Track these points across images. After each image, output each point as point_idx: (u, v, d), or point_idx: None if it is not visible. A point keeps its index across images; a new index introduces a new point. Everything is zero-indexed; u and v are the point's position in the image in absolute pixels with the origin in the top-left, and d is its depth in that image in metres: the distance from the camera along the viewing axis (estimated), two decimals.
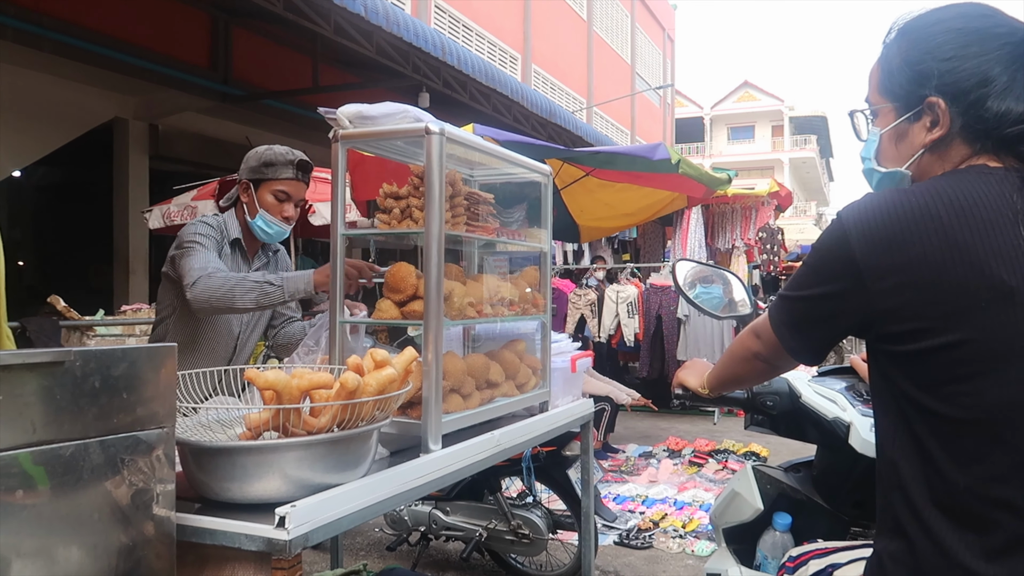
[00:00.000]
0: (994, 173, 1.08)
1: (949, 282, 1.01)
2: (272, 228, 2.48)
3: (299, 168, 2.50)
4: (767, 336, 1.27)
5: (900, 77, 1.17)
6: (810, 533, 1.75)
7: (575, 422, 2.56)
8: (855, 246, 1.07)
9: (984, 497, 1.02)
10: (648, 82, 23.70)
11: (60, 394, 1.11)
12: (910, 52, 1.16)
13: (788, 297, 1.21)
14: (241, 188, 2.51)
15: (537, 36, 16.77)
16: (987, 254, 1.01)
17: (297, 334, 2.68)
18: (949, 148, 1.15)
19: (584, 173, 6.72)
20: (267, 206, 2.47)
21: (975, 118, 1.10)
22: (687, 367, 1.75)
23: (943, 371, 1.04)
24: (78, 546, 1.14)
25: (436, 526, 3.60)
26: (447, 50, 7.34)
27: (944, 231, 1.03)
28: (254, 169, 2.48)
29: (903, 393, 1.08)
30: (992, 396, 1.02)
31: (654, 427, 7.54)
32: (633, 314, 8.23)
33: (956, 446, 1.04)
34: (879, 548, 1.14)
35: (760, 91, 44.52)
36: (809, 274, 1.16)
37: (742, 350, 1.40)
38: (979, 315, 1.01)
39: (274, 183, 2.47)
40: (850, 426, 1.68)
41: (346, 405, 1.42)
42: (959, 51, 1.11)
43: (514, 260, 2.56)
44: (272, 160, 2.47)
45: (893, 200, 1.08)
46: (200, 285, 2.19)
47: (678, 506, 4.87)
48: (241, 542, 1.31)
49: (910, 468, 1.08)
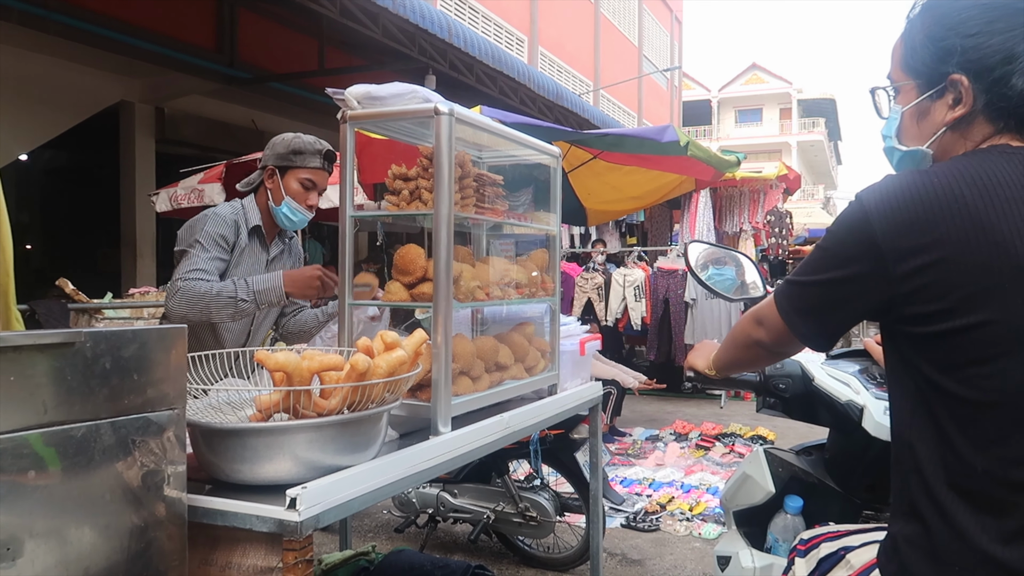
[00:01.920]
0: (1017, 152, 1.06)
1: (972, 262, 1.00)
2: (297, 216, 2.49)
3: (326, 158, 2.51)
4: (773, 323, 1.25)
5: (923, 53, 1.15)
6: (822, 516, 1.75)
7: (583, 405, 2.55)
8: (876, 228, 1.06)
9: (1002, 480, 1.01)
10: (655, 64, 23.52)
11: (71, 375, 1.11)
12: (934, 28, 1.14)
13: (800, 283, 1.19)
14: (266, 174, 2.49)
15: (544, 18, 16.64)
16: (1012, 234, 1.00)
17: (309, 322, 2.69)
18: (971, 126, 1.13)
19: (592, 156, 6.68)
20: (293, 193, 2.46)
21: (999, 96, 1.09)
22: (696, 349, 1.75)
23: (964, 353, 1.03)
24: (90, 527, 1.14)
25: (444, 508, 3.61)
26: (454, 32, 7.28)
27: (968, 211, 1.01)
28: (281, 156, 2.47)
29: (922, 375, 1.07)
30: (1014, 378, 1.01)
31: (661, 410, 7.54)
32: (640, 297, 8.21)
33: (975, 429, 1.03)
34: (894, 531, 1.14)
35: (768, 73, 44.14)
36: (825, 258, 1.14)
37: (743, 337, 1.38)
38: (1002, 295, 1.00)
39: (301, 171, 2.46)
40: (864, 409, 1.67)
41: (356, 387, 1.42)
42: (984, 27, 1.09)
43: (522, 243, 2.54)
44: (301, 148, 2.47)
45: (915, 181, 1.06)
46: (179, 295, 2.22)
47: (685, 489, 4.88)
48: (252, 523, 1.31)
49: (927, 450, 1.07)
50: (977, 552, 1.02)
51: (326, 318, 2.66)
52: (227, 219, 2.39)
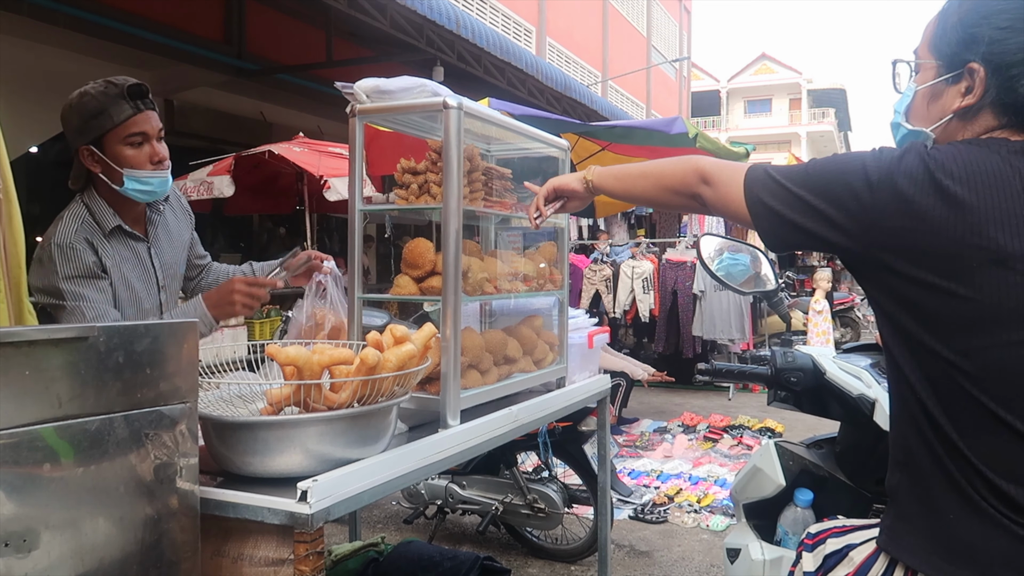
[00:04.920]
0: (1011, 145, 1.10)
1: (948, 238, 1.03)
2: (150, 183, 1.97)
3: (133, 96, 1.92)
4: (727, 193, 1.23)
5: (952, 36, 1.16)
6: (832, 510, 1.75)
7: (592, 398, 2.56)
8: (872, 183, 1.08)
9: (975, 455, 1.07)
10: (664, 55, 23.40)
11: (84, 369, 1.12)
12: (969, 13, 1.14)
13: (786, 187, 1.16)
14: (84, 159, 1.95)
15: (552, 8, 16.57)
16: (987, 219, 1.02)
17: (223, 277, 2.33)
18: (976, 118, 1.15)
19: (600, 148, 6.67)
20: (128, 161, 1.93)
21: (1007, 92, 1.11)
22: (561, 177, 1.65)
23: (934, 326, 1.07)
24: (104, 518, 1.15)
25: (453, 500, 3.63)
26: (461, 23, 7.27)
27: (948, 192, 1.04)
28: (81, 129, 1.92)
29: (901, 347, 1.12)
30: (978, 358, 1.05)
31: (668, 402, 7.54)
32: (648, 289, 8.20)
33: (946, 402, 1.08)
34: (891, 484, 1.19)
35: (778, 63, 43.88)
36: (820, 185, 1.13)
37: (678, 183, 1.34)
38: (972, 276, 1.03)
39: (117, 131, 1.91)
40: (875, 403, 1.67)
41: (366, 381, 1.42)
42: (1016, 22, 1.09)
43: (530, 235, 2.54)
44: (96, 107, 1.90)
45: (912, 154, 1.09)
46: None
47: (693, 481, 4.88)
48: (264, 515, 1.32)
49: (915, 408, 1.12)
50: (963, 503, 1.07)
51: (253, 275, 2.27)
52: (75, 245, 1.90)
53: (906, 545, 1.14)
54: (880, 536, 1.21)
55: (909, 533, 1.13)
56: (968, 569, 1.06)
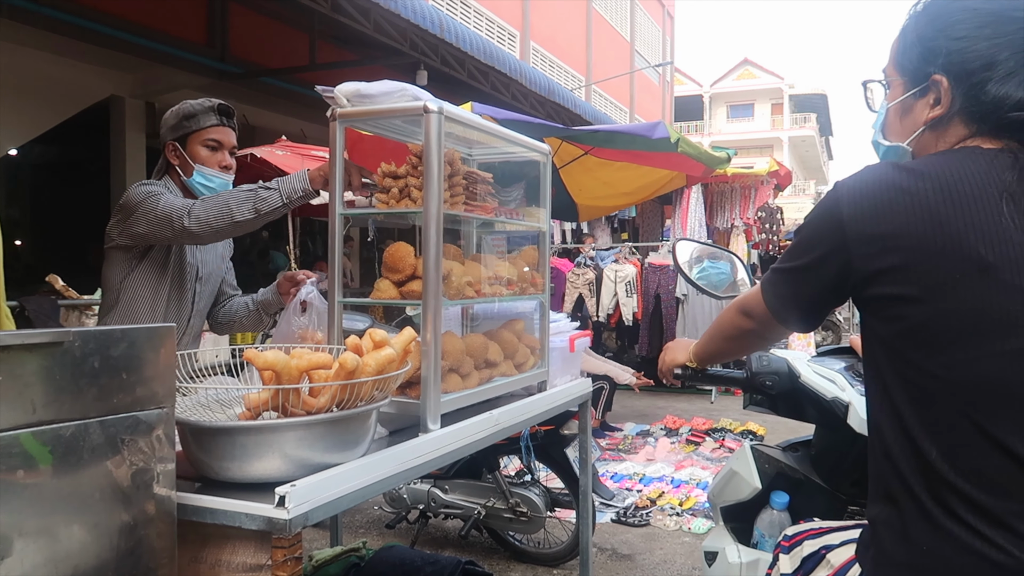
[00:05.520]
0: (986, 153, 1.10)
1: (927, 252, 1.04)
2: (213, 181, 2.34)
3: (221, 113, 2.36)
4: (759, 311, 1.31)
5: (912, 52, 1.19)
6: (808, 512, 1.76)
7: (573, 401, 2.56)
8: (844, 212, 1.11)
9: (952, 466, 1.05)
10: (647, 60, 23.52)
11: (60, 374, 1.11)
12: (926, 28, 1.17)
13: (780, 269, 1.25)
14: (168, 152, 2.35)
15: (536, 13, 16.62)
16: (966, 229, 1.03)
17: (239, 312, 2.58)
18: (948, 128, 1.16)
19: (583, 152, 6.69)
20: (201, 160, 2.32)
21: (974, 100, 1.12)
22: (670, 349, 1.80)
23: (919, 340, 1.07)
24: (80, 525, 1.14)
25: (435, 504, 3.63)
26: (445, 27, 7.27)
27: (925, 204, 1.05)
28: (175, 127, 2.34)
29: (885, 359, 1.12)
30: (960, 370, 1.04)
31: (651, 406, 7.57)
32: (632, 293, 8.24)
33: (927, 415, 1.07)
34: (871, 516, 1.18)
35: (760, 69, 44.22)
36: (802, 243, 1.20)
37: (731, 329, 1.44)
38: (954, 288, 1.03)
39: (200, 133, 2.32)
40: (849, 406, 1.68)
41: (345, 385, 1.42)
42: (972, 32, 1.12)
43: (512, 239, 2.55)
44: (191, 112, 2.33)
45: (884, 173, 1.11)
46: (196, 212, 2.05)
47: (675, 484, 4.90)
48: (241, 521, 1.32)
49: (892, 435, 1.11)
50: (940, 530, 1.05)
51: (256, 307, 2.55)
52: (161, 185, 2.28)
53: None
54: (860, 556, 1.20)
55: (888, 565, 1.12)
56: None
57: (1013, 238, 1.02)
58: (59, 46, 7.23)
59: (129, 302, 2.28)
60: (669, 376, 1.79)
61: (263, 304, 2.53)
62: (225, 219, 2.04)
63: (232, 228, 2.07)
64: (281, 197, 2.04)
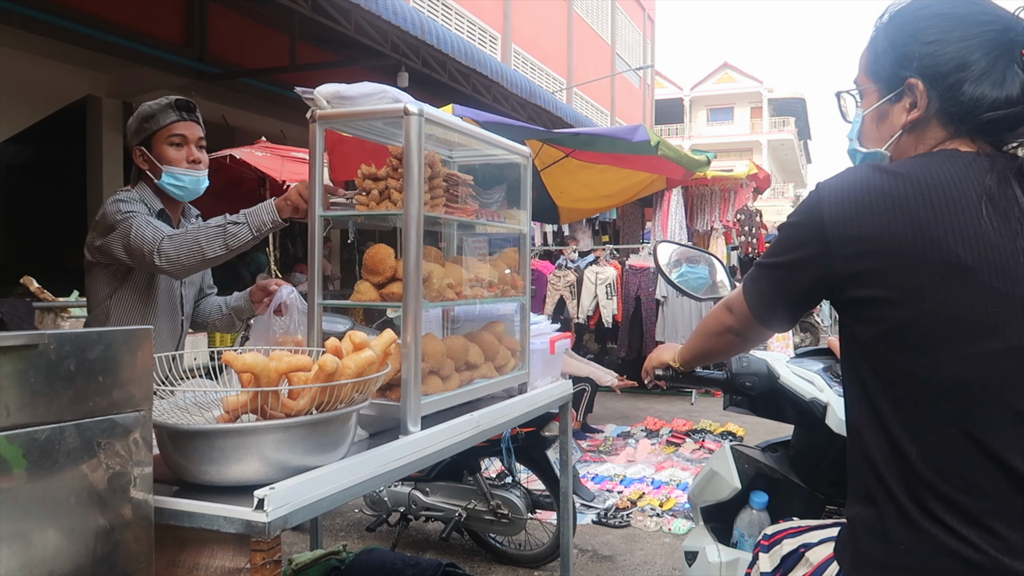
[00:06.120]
0: (964, 156, 1.11)
1: (908, 256, 1.05)
2: (183, 179, 2.31)
3: (180, 108, 2.32)
4: (740, 308, 1.32)
5: (885, 59, 1.21)
6: (786, 511, 1.78)
7: (554, 403, 2.57)
8: (826, 213, 1.12)
9: (931, 466, 1.07)
10: (628, 63, 23.63)
11: (34, 377, 1.10)
12: (896, 35, 1.19)
13: (762, 265, 1.26)
14: (136, 158, 2.33)
15: (517, 15, 16.64)
16: (946, 232, 1.04)
17: (212, 314, 2.58)
18: (926, 130, 1.18)
19: (564, 154, 6.71)
20: (168, 159, 2.29)
21: (951, 101, 1.13)
22: (657, 350, 1.81)
23: (898, 341, 1.08)
24: (55, 529, 1.13)
25: (416, 507, 3.62)
26: (426, 29, 7.26)
27: (906, 207, 1.06)
28: (137, 131, 2.33)
29: (864, 362, 1.13)
30: (941, 369, 1.06)
31: (632, 407, 7.60)
32: (612, 295, 8.27)
33: (907, 415, 1.08)
34: (850, 515, 1.19)
35: (740, 73, 44.56)
36: (782, 241, 1.21)
37: (715, 324, 1.45)
38: (934, 290, 1.04)
39: (162, 133, 2.30)
40: (827, 406, 1.70)
41: (325, 387, 1.42)
42: (942, 35, 1.14)
43: (493, 242, 2.55)
44: (149, 113, 2.31)
45: (865, 176, 1.12)
46: (165, 250, 2.07)
47: (655, 485, 4.92)
48: (220, 524, 1.31)
49: (872, 436, 1.12)
50: (918, 530, 1.07)
51: (229, 311, 2.55)
52: (136, 199, 2.26)
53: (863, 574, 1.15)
54: (838, 554, 1.21)
55: (867, 564, 1.13)
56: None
57: (991, 241, 1.04)
58: (34, 45, 7.14)
59: (119, 320, 2.28)
60: (652, 376, 1.80)
61: (235, 310, 2.54)
62: (196, 257, 2.08)
63: (204, 264, 2.13)
64: (251, 231, 2.08)
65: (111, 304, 2.27)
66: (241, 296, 2.53)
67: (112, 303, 2.27)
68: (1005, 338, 1.03)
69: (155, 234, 2.11)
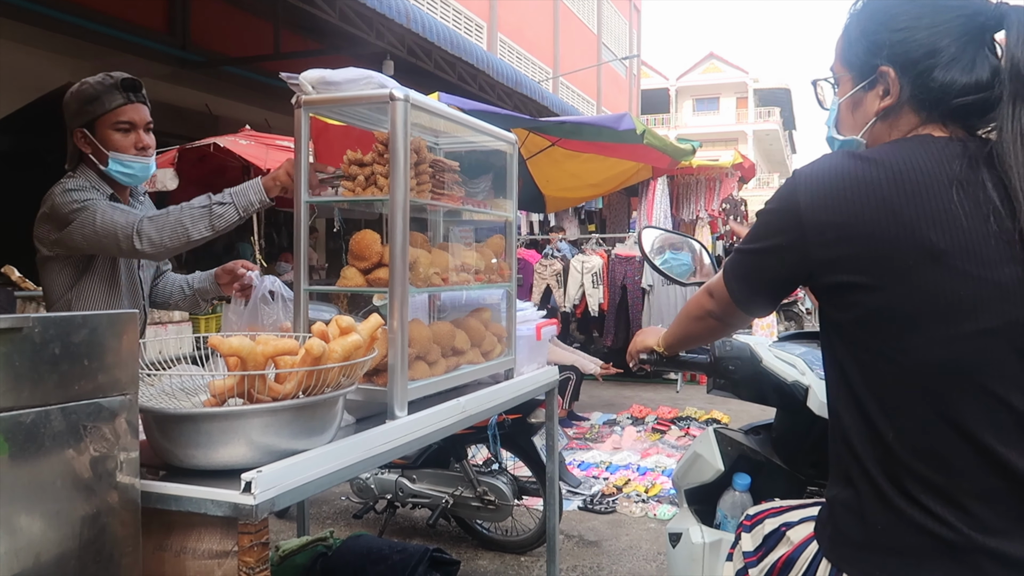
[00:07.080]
0: (937, 142, 1.13)
1: (881, 240, 1.07)
2: (132, 167, 2.14)
3: (127, 88, 2.12)
4: (720, 292, 1.34)
5: (857, 47, 1.23)
6: (769, 493, 1.80)
7: (540, 389, 2.59)
8: (802, 200, 1.13)
9: (906, 446, 1.09)
10: (614, 52, 23.61)
11: (19, 361, 1.09)
12: (868, 23, 1.21)
13: (740, 250, 1.28)
14: (77, 141, 2.13)
15: (503, 4, 16.58)
16: (918, 217, 1.06)
17: (174, 294, 2.45)
18: (899, 117, 1.20)
19: (550, 143, 6.71)
20: (115, 145, 2.11)
21: (922, 88, 1.15)
22: (641, 333, 1.82)
23: (873, 325, 1.10)
24: (40, 514, 1.13)
25: (403, 494, 3.63)
26: (411, 17, 7.23)
27: (879, 193, 1.08)
28: (78, 112, 2.12)
29: (842, 346, 1.15)
30: (915, 353, 1.07)
31: (618, 395, 7.63)
32: (598, 284, 8.29)
33: (883, 398, 1.11)
34: (830, 496, 1.21)
35: (725, 63, 44.64)
36: (760, 227, 1.22)
37: (697, 309, 1.47)
38: (908, 275, 1.06)
39: (107, 117, 2.10)
40: (808, 389, 1.72)
41: (311, 371, 1.42)
42: (912, 22, 1.16)
43: (479, 229, 2.56)
44: (93, 94, 2.10)
45: (840, 162, 1.14)
46: (146, 232, 1.96)
47: (641, 472, 4.96)
48: (207, 508, 1.31)
49: (850, 418, 1.15)
50: (895, 510, 1.09)
51: (192, 292, 2.42)
52: (87, 185, 2.11)
53: (844, 555, 1.16)
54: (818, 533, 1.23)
55: (845, 544, 1.15)
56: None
57: (963, 225, 1.05)
58: (13, 32, 7.04)
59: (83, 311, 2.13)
60: (637, 360, 1.82)
61: (200, 292, 2.42)
62: (181, 239, 1.98)
63: (187, 245, 2.02)
64: (237, 211, 2.00)
65: (72, 296, 2.15)
66: (206, 277, 2.42)
67: (73, 295, 2.15)
68: (978, 321, 1.05)
69: (127, 218, 2.00)
